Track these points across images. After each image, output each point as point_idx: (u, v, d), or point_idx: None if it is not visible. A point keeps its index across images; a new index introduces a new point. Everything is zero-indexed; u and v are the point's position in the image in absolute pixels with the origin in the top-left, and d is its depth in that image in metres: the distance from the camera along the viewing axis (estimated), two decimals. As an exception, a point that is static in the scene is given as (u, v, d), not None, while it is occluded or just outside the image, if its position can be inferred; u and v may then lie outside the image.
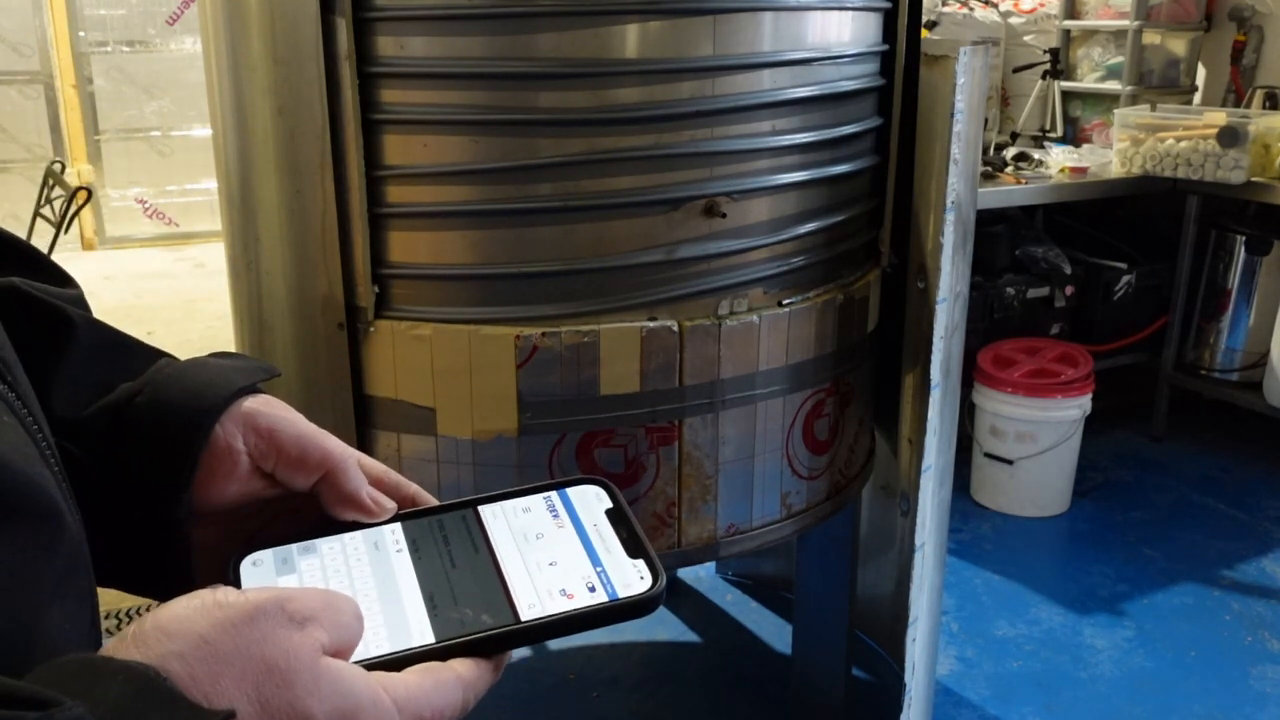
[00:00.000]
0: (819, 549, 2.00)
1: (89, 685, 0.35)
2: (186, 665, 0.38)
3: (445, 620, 0.48)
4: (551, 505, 0.56)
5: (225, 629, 0.39)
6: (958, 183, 1.60)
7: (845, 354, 1.65)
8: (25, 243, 0.58)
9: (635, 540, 0.53)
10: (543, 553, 0.52)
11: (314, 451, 0.53)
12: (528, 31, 1.33)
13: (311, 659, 0.41)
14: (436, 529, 0.54)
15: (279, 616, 0.40)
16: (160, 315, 4.91)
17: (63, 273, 0.58)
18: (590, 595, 0.50)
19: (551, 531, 0.54)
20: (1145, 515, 3.14)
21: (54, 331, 0.52)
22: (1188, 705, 2.30)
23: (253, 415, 0.54)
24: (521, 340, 1.41)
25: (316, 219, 1.42)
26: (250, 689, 0.38)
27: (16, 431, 0.42)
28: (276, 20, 1.36)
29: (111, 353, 0.55)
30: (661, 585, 0.50)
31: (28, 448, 0.42)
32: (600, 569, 0.51)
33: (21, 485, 0.41)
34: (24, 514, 0.41)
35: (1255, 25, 3.69)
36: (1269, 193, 3.15)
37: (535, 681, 2.38)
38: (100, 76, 6.18)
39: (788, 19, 1.43)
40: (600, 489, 0.57)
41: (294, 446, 0.53)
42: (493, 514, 0.55)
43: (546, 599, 0.49)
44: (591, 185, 1.39)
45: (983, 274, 3.23)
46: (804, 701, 2.19)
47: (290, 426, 0.54)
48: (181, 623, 0.39)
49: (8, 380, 0.44)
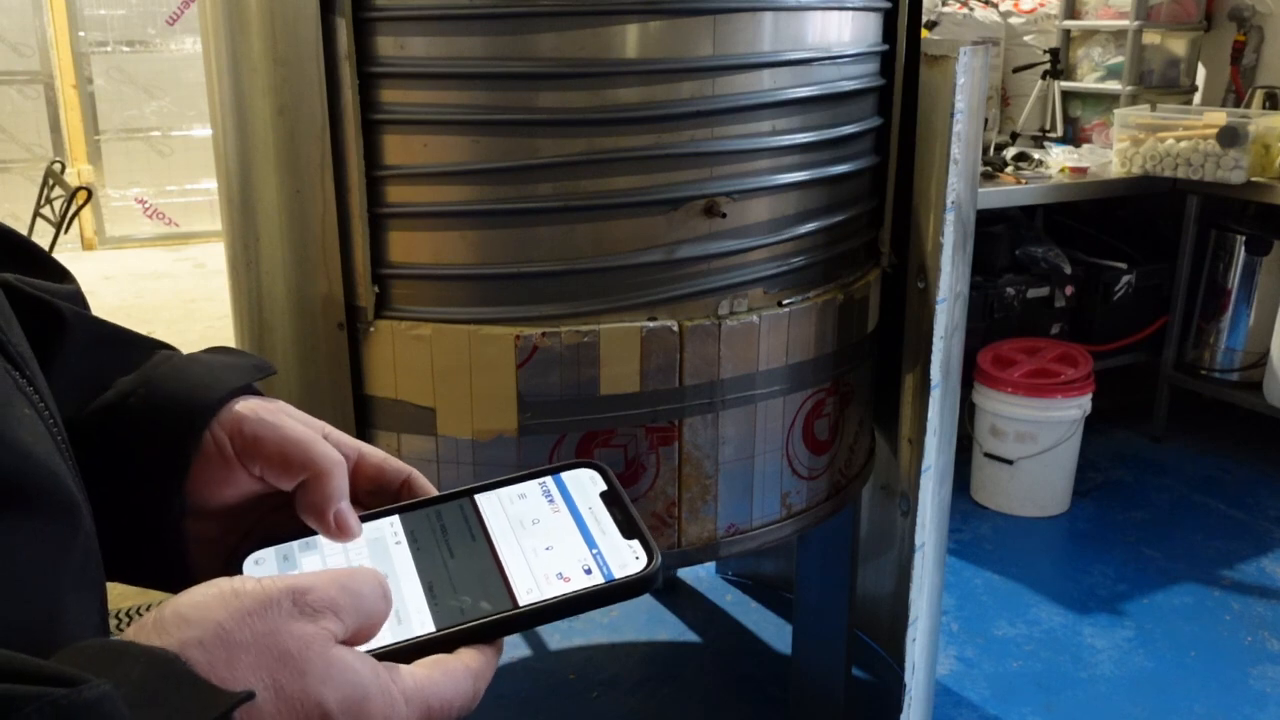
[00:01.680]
0: (819, 549, 2.00)
1: (111, 666, 0.36)
2: (205, 652, 0.39)
3: (445, 609, 0.49)
4: (546, 490, 0.56)
5: (242, 618, 0.40)
6: (958, 183, 1.60)
7: (845, 354, 1.65)
8: (21, 237, 0.58)
9: (630, 521, 0.53)
10: (539, 538, 0.53)
11: (296, 456, 0.53)
12: (528, 31, 1.33)
13: (323, 648, 0.41)
14: (434, 519, 0.54)
15: (292, 608, 0.41)
16: (160, 315, 4.91)
17: (59, 267, 0.58)
18: (587, 577, 0.50)
19: (547, 516, 0.54)
20: (1145, 515, 3.14)
21: (45, 327, 0.52)
22: (1188, 705, 2.30)
23: (240, 420, 0.53)
24: (521, 340, 1.41)
25: (316, 219, 1.42)
26: (265, 675, 0.40)
27: (36, 425, 0.43)
28: (276, 20, 1.36)
29: (106, 348, 0.55)
30: (657, 564, 0.51)
31: (47, 441, 0.43)
32: (596, 551, 0.52)
33: (44, 478, 0.41)
34: (46, 506, 0.41)
35: (1255, 25, 3.69)
36: (1269, 193, 3.15)
37: (535, 681, 2.38)
38: (100, 76, 6.18)
39: (788, 19, 1.43)
40: (594, 472, 0.57)
41: (276, 451, 0.53)
42: (489, 502, 0.56)
43: (544, 583, 0.50)
44: (591, 185, 1.39)
45: (983, 274, 3.23)
46: (804, 701, 2.19)
47: (274, 431, 0.53)
48: (200, 610, 0.40)
49: (26, 375, 0.44)
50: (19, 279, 0.53)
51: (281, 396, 0.57)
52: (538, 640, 2.53)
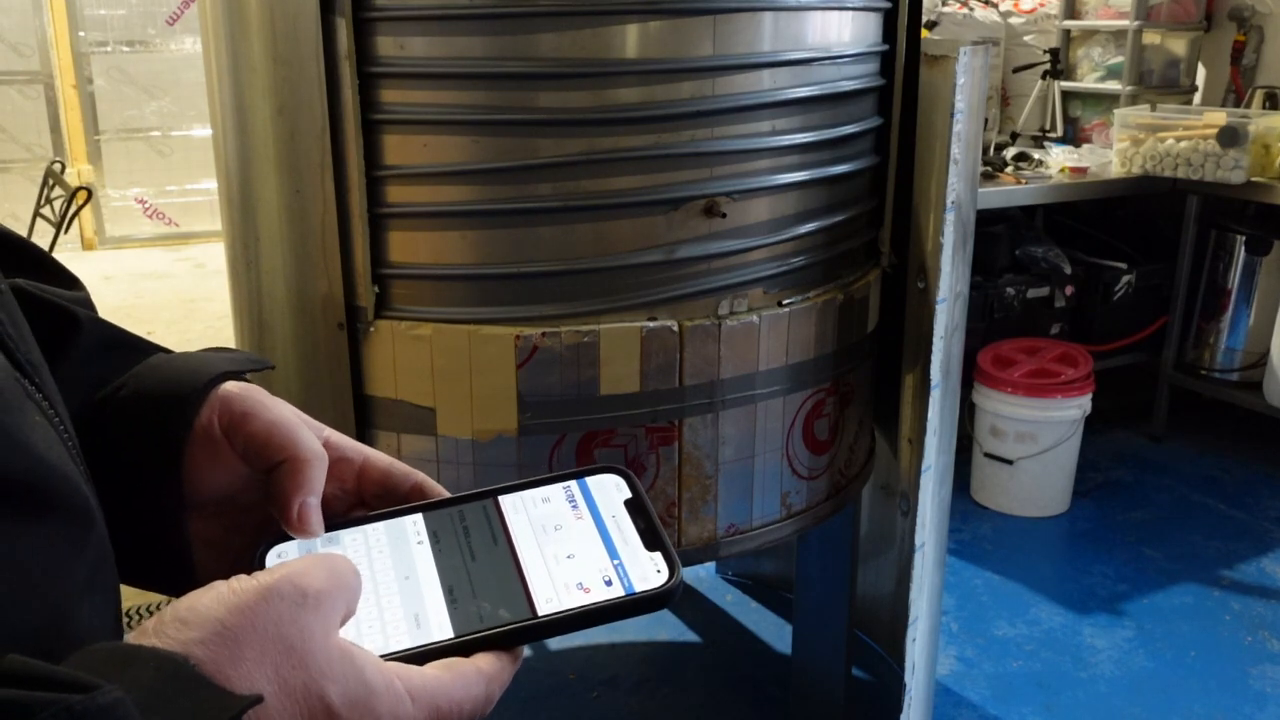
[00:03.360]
0: (819, 549, 2.00)
1: (121, 670, 0.36)
2: (208, 650, 0.39)
3: (464, 614, 0.48)
4: (571, 495, 0.56)
5: (241, 612, 0.40)
6: (958, 183, 1.60)
7: (845, 354, 1.65)
8: (33, 245, 0.58)
9: (653, 532, 0.53)
10: (561, 545, 0.52)
11: (279, 439, 0.52)
12: (528, 31, 1.33)
13: (325, 640, 0.41)
14: (457, 520, 0.54)
15: (292, 595, 0.41)
16: (160, 315, 4.91)
17: (69, 275, 0.58)
18: (607, 589, 0.50)
19: (570, 523, 0.54)
20: (1145, 515, 3.14)
21: (59, 331, 0.52)
22: (1188, 705, 2.30)
23: (229, 399, 0.53)
24: (521, 340, 1.41)
25: (316, 219, 1.42)
26: (270, 669, 0.40)
27: (47, 431, 0.43)
28: (276, 20, 1.36)
29: (114, 351, 0.55)
30: (678, 579, 0.50)
31: (58, 447, 0.43)
32: (617, 562, 0.51)
33: (58, 482, 0.41)
34: (60, 510, 0.42)
35: (1255, 25, 3.69)
36: (1269, 193, 3.15)
37: (535, 681, 2.38)
38: (100, 76, 6.17)
39: (788, 19, 1.43)
40: (620, 478, 0.56)
41: (261, 429, 0.52)
42: (513, 504, 0.55)
43: (564, 593, 0.49)
44: (591, 185, 1.38)
45: (983, 274, 3.23)
46: (804, 701, 2.19)
47: (264, 412, 0.53)
48: (198, 612, 0.40)
49: (35, 382, 0.44)
50: (32, 284, 0.53)
51: (281, 396, 0.57)
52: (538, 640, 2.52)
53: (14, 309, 0.46)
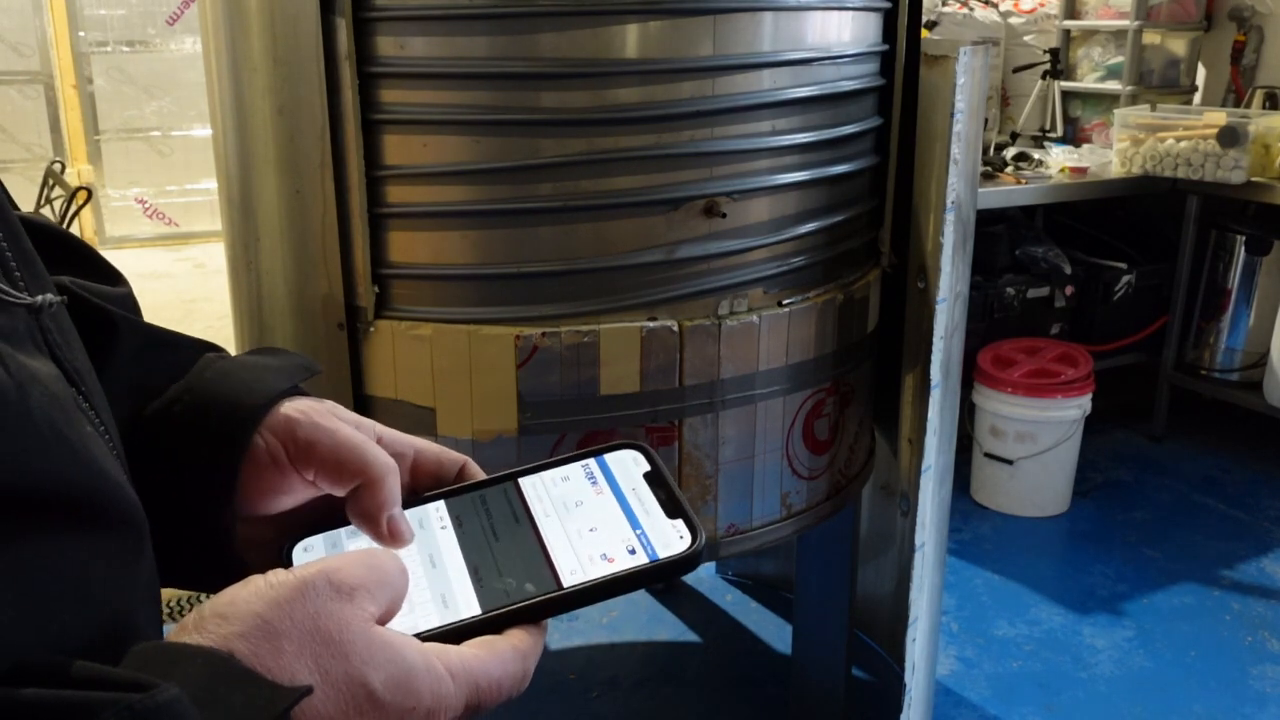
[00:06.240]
0: (819, 549, 2.00)
1: (170, 669, 0.37)
2: (249, 644, 0.39)
3: (490, 591, 0.49)
4: (590, 473, 0.56)
5: (279, 606, 0.40)
6: (958, 183, 1.60)
7: (845, 354, 1.65)
8: (78, 239, 0.58)
9: (674, 501, 0.54)
10: (582, 520, 0.53)
11: (352, 463, 0.52)
12: (528, 31, 1.33)
13: (364, 629, 0.42)
14: (479, 503, 0.55)
15: (327, 590, 0.42)
16: (160, 315, 4.86)
17: (112, 270, 0.58)
18: (631, 558, 0.51)
19: (590, 498, 0.55)
20: (1145, 515, 3.14)
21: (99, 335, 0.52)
22: (1188, 705, 2.30)
23: (293, 425, 0.53)
24: (521, 340, 1.41)
25: (316, 219, 1.42)
26: (310, 660, 0.40)
27: (98, 441, 0.43)
28: (276, 20, 1.36)
29: (153, 352, 0.55)
30: (701, 543, 0.51)
31: (109, 458, 0.43)
32: (640, 531, 0.52)
33: (113, 492, 0.42)
34: (120, 523, 0.42)
35: (1255, 25, 3.69)
36: (1269, 193, 3.15)
37: (535, 681, 2.37)
38: (100, 76, 6.17)
39: (788, 19, 1.43)
40: (638, 453, 0.57)
41: (330, 457, 0.53)
42: (532, 485, 0.56)
43: (588, 564, 0.50)
44: (591, 185, 1.39)
45: (983, 274, 3.23)
46: (804, 701, 2.19)
47: (329, 436, 0.53)
48: (237, 606, 0.40)
49: (83, 391, 0.44)
50: (75, 283, 0.53)
51: (283, 396, 0.57)
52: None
53: (63, 317, 0.46)
